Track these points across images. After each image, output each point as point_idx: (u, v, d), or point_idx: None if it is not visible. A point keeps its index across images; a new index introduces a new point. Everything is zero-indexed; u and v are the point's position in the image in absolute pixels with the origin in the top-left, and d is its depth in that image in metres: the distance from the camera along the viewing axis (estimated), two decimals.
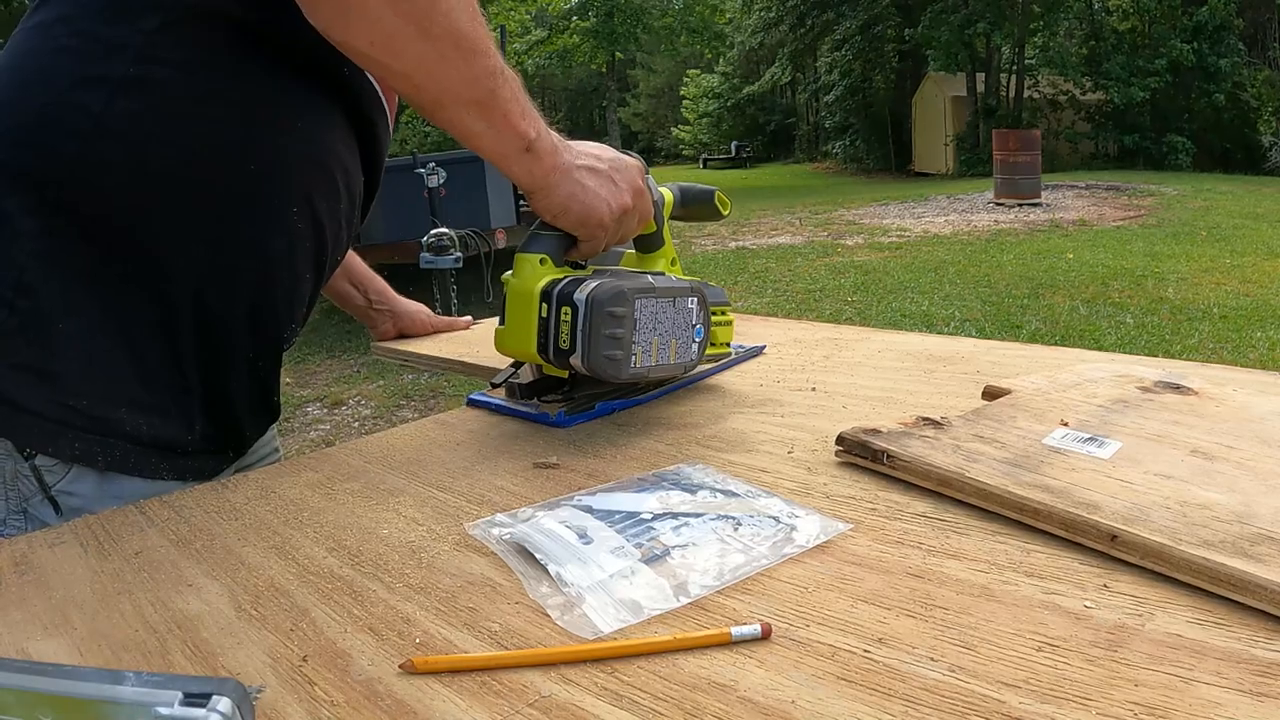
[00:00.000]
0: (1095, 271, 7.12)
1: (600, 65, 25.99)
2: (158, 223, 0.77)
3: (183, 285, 0.79)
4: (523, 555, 0.57)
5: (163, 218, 0.77)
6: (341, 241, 0.93)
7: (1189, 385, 0.77)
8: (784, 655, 0.45)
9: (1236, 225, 9.35)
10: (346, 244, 0.97)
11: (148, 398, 0.79)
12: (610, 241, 0.85)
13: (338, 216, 0.89)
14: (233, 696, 0.35)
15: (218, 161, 0.79)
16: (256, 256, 0.83)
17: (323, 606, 0.53)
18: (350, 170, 0.90)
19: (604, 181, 0.82)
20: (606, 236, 0.84)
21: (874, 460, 0.68)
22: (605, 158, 0.84)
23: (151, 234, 0.77)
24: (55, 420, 0.75)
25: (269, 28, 0.78)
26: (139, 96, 0.75)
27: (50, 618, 0.54)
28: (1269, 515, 0.53)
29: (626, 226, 0.86)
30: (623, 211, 0.83)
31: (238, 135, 0.79)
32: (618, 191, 0.83)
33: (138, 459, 0.79)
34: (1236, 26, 19.05)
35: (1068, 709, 0.40)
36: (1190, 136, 18.99)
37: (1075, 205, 11.76)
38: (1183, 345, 4.94)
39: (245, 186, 0.80)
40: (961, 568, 0.53)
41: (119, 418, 0.78)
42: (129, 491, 0.77)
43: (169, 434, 0.81)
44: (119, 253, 0.77)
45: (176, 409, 0.81)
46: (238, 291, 0.83)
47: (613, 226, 0.83)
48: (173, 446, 0.81)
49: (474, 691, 0.44)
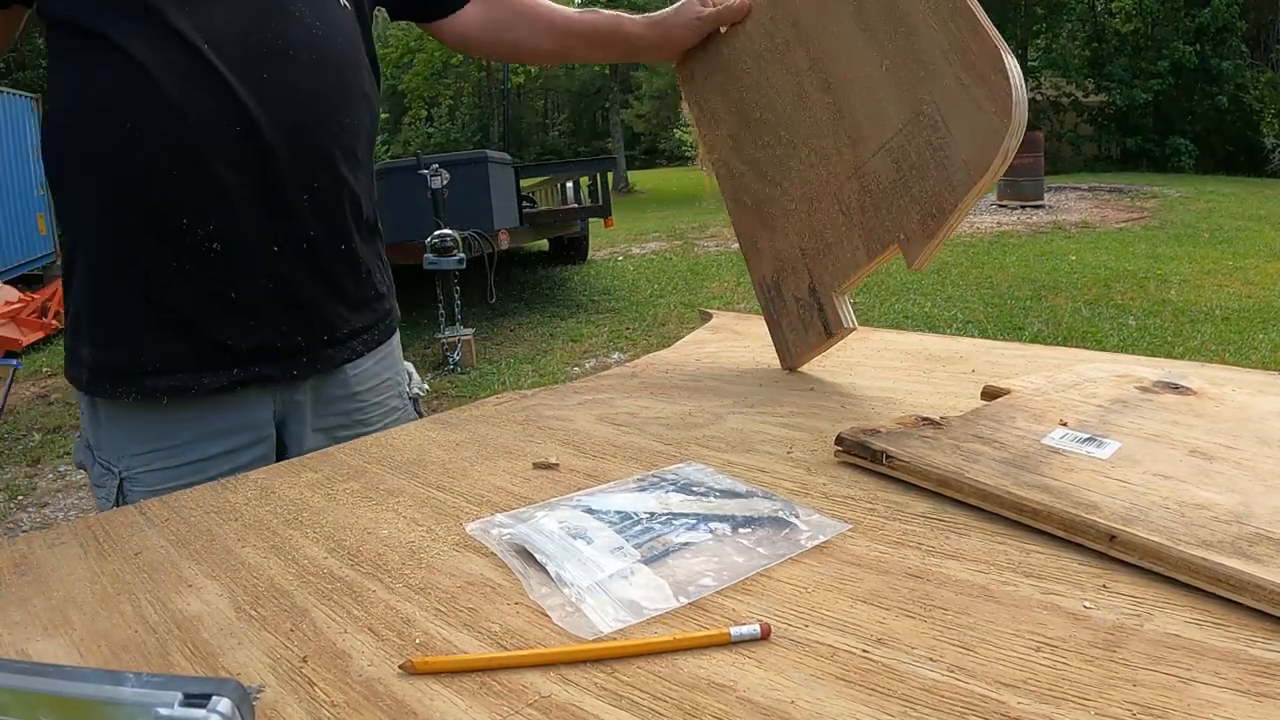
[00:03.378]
0: (1098, 273, 7.11)
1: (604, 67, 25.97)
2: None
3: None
4: (522, 555, 0.57)
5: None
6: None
7: (1188, 385, 0.77)
8: (783, 655, 0.45)
9: (1239, 227, 9.34)
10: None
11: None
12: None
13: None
14: (233, 697, 0.36)
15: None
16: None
17: (322, 607, 0.53)
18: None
19: None
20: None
21: (873, 460, 0.68)
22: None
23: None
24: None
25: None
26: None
27: (50, 618, 0.54)
28: (1268, 515, 0.53)
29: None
30: None
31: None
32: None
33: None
34: (1239, 28, 19.03)
35: (1066, 709, 0.40)
36: (1193, 139, 18.97)
37: (1078, 207, 11.74)
38: (1185, 347, 4.93)
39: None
40: (961, 568, 0.53)
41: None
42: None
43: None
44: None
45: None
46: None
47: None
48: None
49: (474, 692, 0.44)
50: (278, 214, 0.93)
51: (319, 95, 0.94)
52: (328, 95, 0.95)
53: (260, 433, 0.99)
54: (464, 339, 5.48)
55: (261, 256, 0.93)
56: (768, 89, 1.01)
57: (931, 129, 0.82)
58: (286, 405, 1.01)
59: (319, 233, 0.97)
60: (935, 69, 0.81)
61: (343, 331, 1.03)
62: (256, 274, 0.93)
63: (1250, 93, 19.07)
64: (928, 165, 0.82)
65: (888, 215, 0.87)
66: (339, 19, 0.98)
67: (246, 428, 0.97)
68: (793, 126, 0.98)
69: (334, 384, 1.04)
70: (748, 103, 1.03)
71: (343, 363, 1.03)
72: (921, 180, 0.83)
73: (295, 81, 0.92)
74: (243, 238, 0.91)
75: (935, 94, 0.81)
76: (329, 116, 0.95)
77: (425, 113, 32.57)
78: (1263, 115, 19.30)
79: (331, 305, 1.01)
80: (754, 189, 1.04)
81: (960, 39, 0.79)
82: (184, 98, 0.87)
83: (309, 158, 0.94)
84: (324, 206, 0.96)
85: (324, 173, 0.96)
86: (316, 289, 0.98)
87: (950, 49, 0.80)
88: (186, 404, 0.94)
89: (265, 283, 0.94)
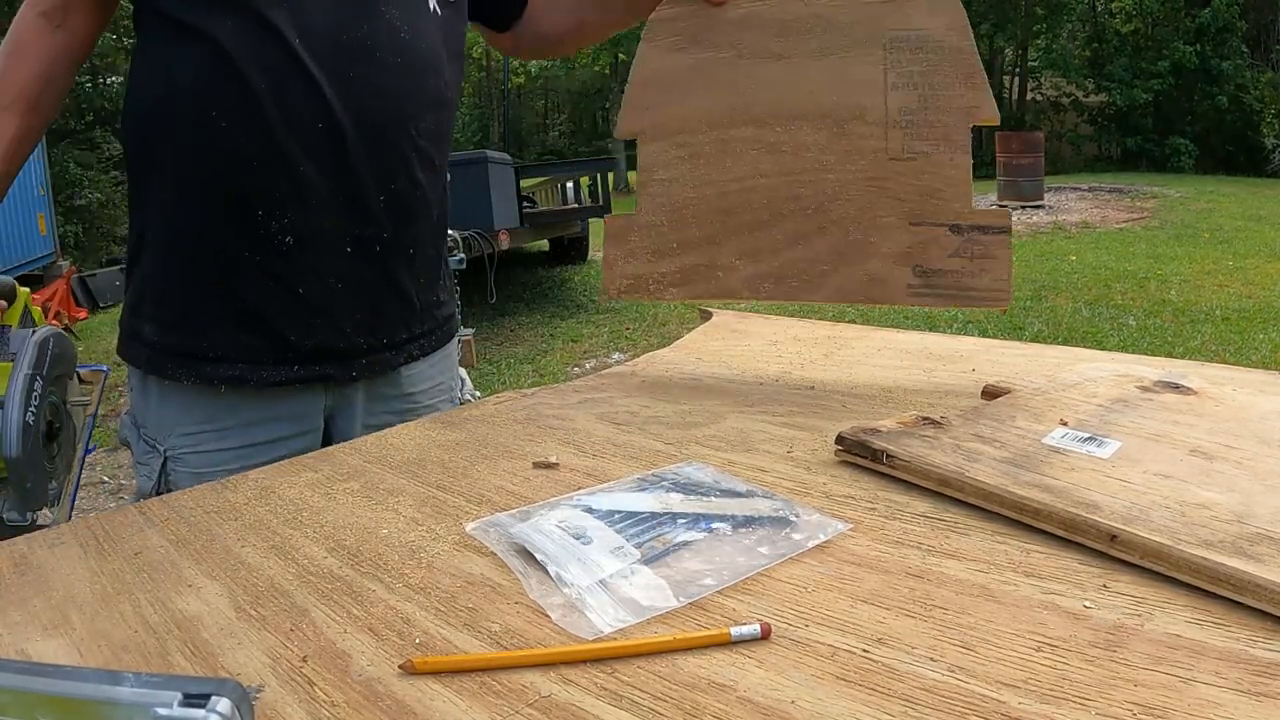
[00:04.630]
0: (1098, 273, 7.11)
1: (604, 67, 25.98)
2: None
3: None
4: (522, 555, 0.57)
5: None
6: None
7: (1188, 385, 0.77)
8: (783, 655, 0.45)
9: (1239, 227, 9.33)
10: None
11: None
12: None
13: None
14: (232, 697, 0.35)
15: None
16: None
17: (322, 607, 0.53)
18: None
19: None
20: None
21: (873, 460, 0.68)
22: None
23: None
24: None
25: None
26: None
27: (50, 618, 0.54)
28: (1268, 515, 0.53)
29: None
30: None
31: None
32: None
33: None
34: (1239, 29, 19.01)
35: (1067, 709, 0.40)
36: (1193, 139, 18.95)
37: (1078, 207, 11.74)
38: (1185, 347, 4.93)
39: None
40: (961, 568, 0.53)
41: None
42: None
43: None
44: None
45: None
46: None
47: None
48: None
49: (474, 692, 0.44)
50: (353, 212, 0.94)
51: (402, 98, 0.95)
52: (411, 99, 0.96)
53: (309, 424, 1.00)
54: (464, 339, 5.48)
55: (333, 255, 0.94)
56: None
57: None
58: (338, 400, 1.02)
59: (392, 235, 0.97)
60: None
61: (403, 336, 1.03)
62: (327, 272, 0.94)
63: (1250, 93, 19.06)
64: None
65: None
66: (427, 22, 0.99)
67: (296, 418, 0.98)
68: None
69: (387, 383, 1.05)
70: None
71: (399, 365, 1.04)
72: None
73: (380, 83, 0.93)
74: (317, 233, 0.92)
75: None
76: (410, 120, 0.96)
77: None
78: (1263, 115, 19.29)
79: (397, 309, 1.01)
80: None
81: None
82: (271, 89, 0.88)
83: (388, 159, 0.95)
84: (399, 209, 0.97)
85: (402, 175, 0.97)
86: (384, 293, 0.99)
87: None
88: (243, 393, 0.95)
89: (334, 282, 0.94)
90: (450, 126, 1.06)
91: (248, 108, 0.88)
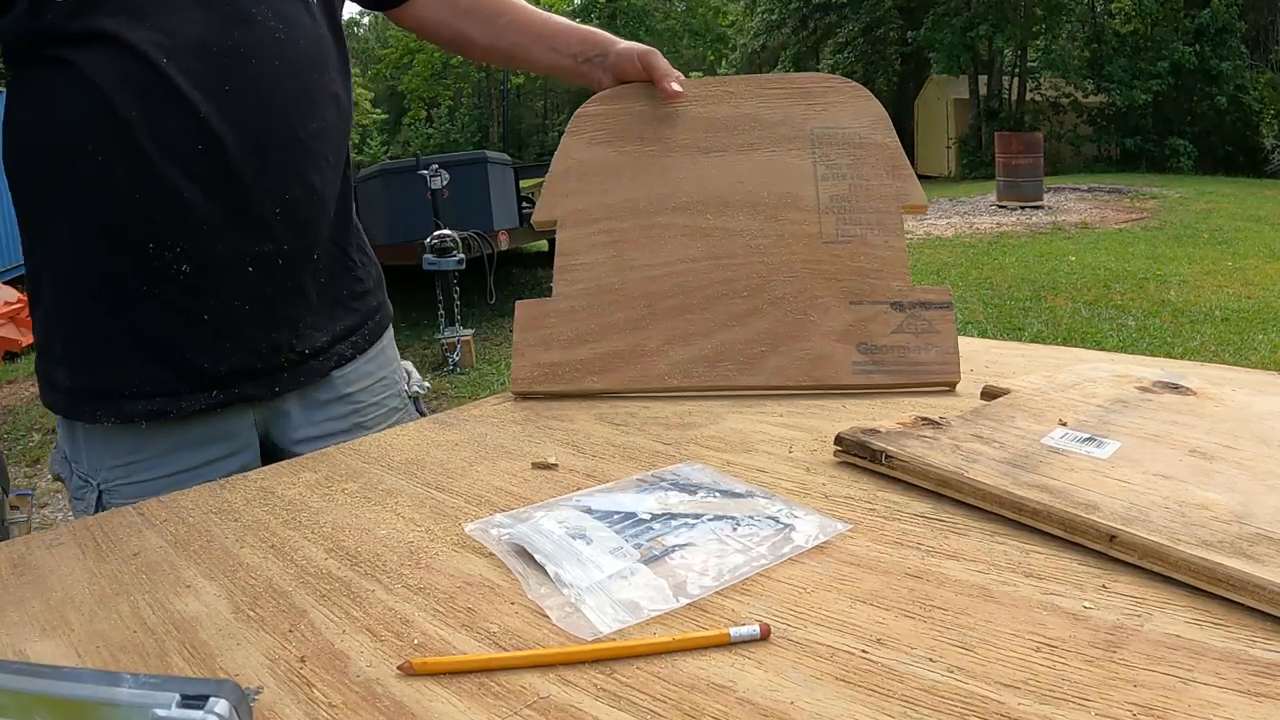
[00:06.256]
0: (1097, 274, 7.11)
1: None
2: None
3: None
4: (521, 556, 0.57)
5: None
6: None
7: (1188, 385, 0.77)
8: (782, 656, 0.45)
9: (1238, 228, 9.34)
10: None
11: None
12: None
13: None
14: (230, 698, 0.35)
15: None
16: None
17: (321, 607, 0.53)
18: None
19: None
20: None
21: (873, 460, 0.68)
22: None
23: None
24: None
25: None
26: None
27: (48, 619, 0.54)
28: (1267, 515, 0.53)
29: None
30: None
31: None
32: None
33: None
34: (1239, 29, 19.02)
35: (1066, 709, 0.39)
36: (1192, 139, 18.96)
37: (1077, 208, 11.75)
38: (1184, 348, 4.93)
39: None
40: (960, 568, 0.53)
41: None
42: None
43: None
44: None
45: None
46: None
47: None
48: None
49: (472, 693, 0.44)
50: (248, 231, 0.90)
51: (286, 104, 0.91)
52: (296, 102, 0.92)
53: (241, 443, 0.97)
54: (463, 339, 5.48)
55: (234, 277, 0.90)
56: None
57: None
58: (269, 414, 0.99)
59: (293, 246, 0.93)
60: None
61: (324, 340, 1.00)
62: (230, 295, 0.90)
63: (1250, 93, 19.07)
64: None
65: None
66: (302, 18, 0.94)
67: (226, 438, 0.96)
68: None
69: (321, 390, 1.02)
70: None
71: (329, 371, 1.02)
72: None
73: (258, 92, 0.88)
74: (213, 258, 0.88)
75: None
76: (298, 125, 0.92)
77: (425, 113, 32.56)
78: (1262, 116, 19.30)
79: (311, 318, 0.98)
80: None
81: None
82: (142, 116, 0.83)
83: (278, 171, 0.91)
84: (296, 219, 0.93)
85: (295, 186, 0.92)
86: (295, 304, 0.96)
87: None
88: (166, 424, 0.92)
89: (240, 304, 0.91)
90: (347, 117, 1.01)
91: (121, 139, 0.84)
